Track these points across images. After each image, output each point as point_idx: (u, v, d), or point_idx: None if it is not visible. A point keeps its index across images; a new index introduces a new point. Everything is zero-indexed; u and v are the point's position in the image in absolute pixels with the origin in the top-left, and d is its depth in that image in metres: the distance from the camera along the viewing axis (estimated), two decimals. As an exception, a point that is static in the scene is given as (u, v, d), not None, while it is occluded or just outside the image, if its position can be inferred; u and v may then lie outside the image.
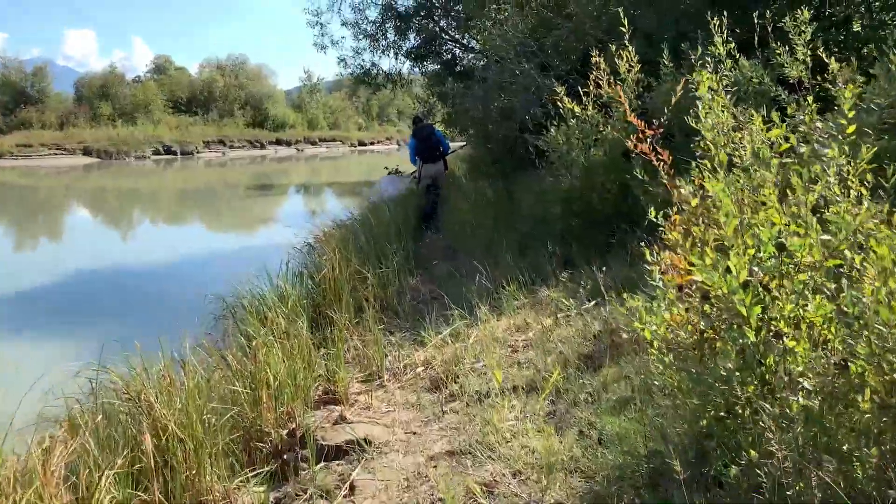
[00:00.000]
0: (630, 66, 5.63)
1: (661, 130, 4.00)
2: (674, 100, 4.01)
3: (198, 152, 45.86)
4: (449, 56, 13.16)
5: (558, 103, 5.87)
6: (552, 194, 6.05)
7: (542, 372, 3.61)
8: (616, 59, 5.65)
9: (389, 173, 12.32)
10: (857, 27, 7.28)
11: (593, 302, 4.57)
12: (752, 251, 2.31)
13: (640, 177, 5.14)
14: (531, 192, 6.91)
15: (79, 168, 37.46)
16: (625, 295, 2.85)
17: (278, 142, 51.95)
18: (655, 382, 2.71)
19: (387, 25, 13.39)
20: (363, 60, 14.28)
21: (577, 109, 5.69)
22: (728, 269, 2.41)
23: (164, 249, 11.34)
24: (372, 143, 59.53)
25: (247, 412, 3.49)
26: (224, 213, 18.55)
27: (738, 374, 2.19)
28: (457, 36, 13.01)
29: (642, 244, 3.79)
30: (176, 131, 47.48)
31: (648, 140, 3.94)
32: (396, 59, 14.15)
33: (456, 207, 8.07)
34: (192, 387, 3.28)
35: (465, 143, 14.54)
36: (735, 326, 2.26)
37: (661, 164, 3.84)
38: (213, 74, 55.54)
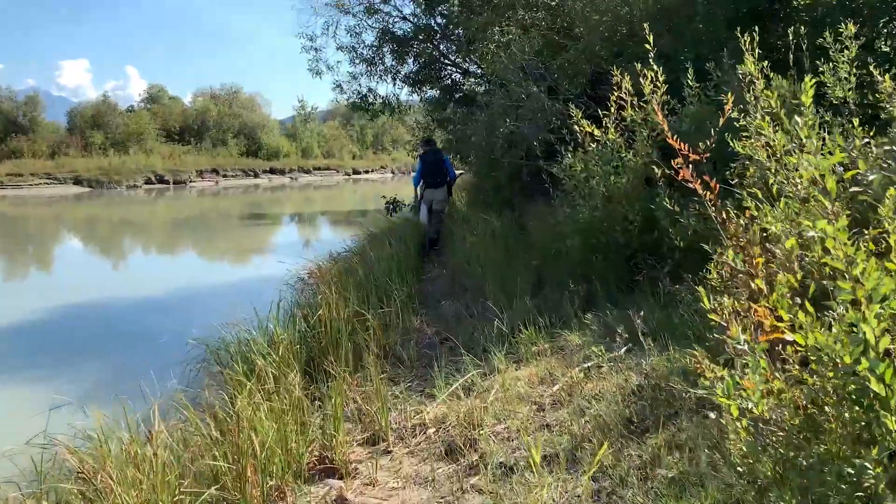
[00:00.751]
0: (655, 86, 5.18)
1: (708, 155, 3.52)
2: (722, 121, 3.54)
3: (191, 181, 45.43)
4: (449, 81, 12.73)
5: (575, 127, 5.39)
6: (568, 226, 5.54)
7: (579, 438, 3.06)
8: (640, 79, 5.20)
9: (387, 203, 11.83)
10: (885, 48, 6.88)
11: (624, 348, 4.04)
12: (875, 307, 1.79)
13: (669, 207, 4.67)
14: (544, 224, 6.41)
15: (69, 197, 36.95)
16: (700, 360, 2.31)
17: (272, 171, 51.56)
18: (739, 468, 2.16)
19: (384, 50, 12.99)
20: (359, 86, 13.81)
21: (597, 133, 5.21)
22: (828, 328, 1.90)
23: (148, 284, 10.66)
24: (366, 172, 59.23)
25: (228, 490, 2.92)
26: (214, 244, 17.91)
27: (877, 472, 1.65)
28: (457, 60, 12.57)
29: (702, 286, 3.29)
30: (169, 160, 47.05)
31: (683, 166, 3.46)
32: (394, 84, 13.68)
33: (461, 241, 7.54)
34: (161, 463, 2.72)
35: (461, 172, 14.09)
36: (859, 406, 1.74)
37: (707, 193, 3.35)
38: (206, 103, 55.31)
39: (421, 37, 12.33)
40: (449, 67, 12.77)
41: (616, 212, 5.22)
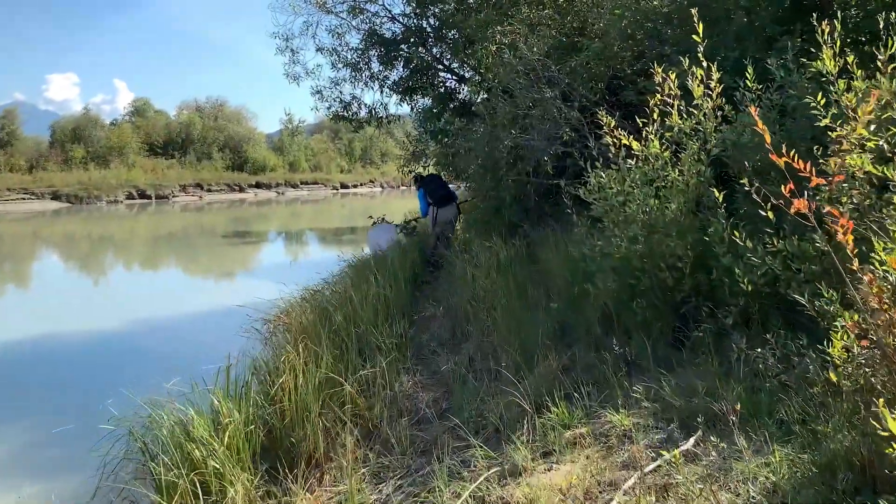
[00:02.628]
0: (708, 88, 4.11)
1: (842, 178, 2.48)
2: (864, 120, 2.54)
3: (173, 196, 44.29)
4: (442, 89, 11.39)
5: (607, 139, 4.30)
6: (598, 262, 4.43)
7: None
8: (689, 79, 4.13)
9: (374, 223, 10.66)
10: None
11: (692, 440, 2.95)
12: None
13: (736, 240, 3.59)
14: (561, 256, 5.30)
15: (47, 213, 35.75)
16: None
17: (258, 185, 50.38)
18: None
19: (370, 53, 11.62)
20: (342, 93, 12.30)
21: (636, 146, 4.12)
22: None
23: (93, 325, 8.79)
24: (355, 186, 58.15)
25: None
26: (185, 268, 16.40)
27: None
28: (453, 66, 11.34)
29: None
30: (151, 175, 45.96)
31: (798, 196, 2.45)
32: (381, 91, 12.13)
33: (461, 273, 6.37)
34: None
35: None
36: None
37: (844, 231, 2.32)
38: (191, 116, 54.08)
39: (412, 39, 11.12)
40: (443, 73, 11.60)
41: (661, 245, 4.12)
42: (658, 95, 4.07)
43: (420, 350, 5.04)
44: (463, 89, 11.18)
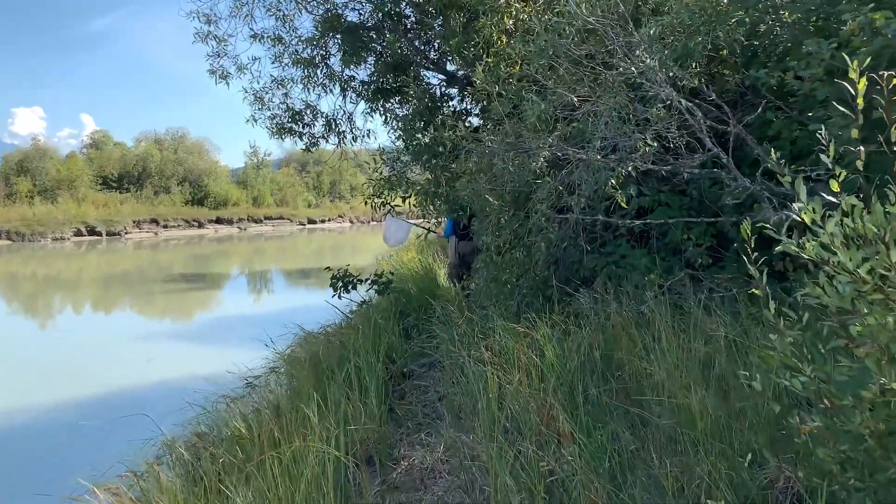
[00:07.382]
0: None
1: None
2: None
3: (126, 233, 41.11)
4: (427, 97, 7.98)
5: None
6: (860, 429, 1.78)
7: None
8: None
9: (334, 279, 7.91)
10: None
11: None
12: None
13: None
14: (708, 381, 2.67)
15: (-15, 252, 32.41)
16: None
17: (218, 220, 47.32)
18: None
19: (328, 44, 8.39)
20: (289, 98, 8.84)
21: None
22: None
23: None
24: (323, 221, 55.36)
25: None
26: (75, 346, 12.23)
27: None
28: (444, 58, 8.33)
29: None
30: (103, 210, 42.73)
31: None
32: (344, 96, 8.83)
33: (473, 381, 3.52)
34: None
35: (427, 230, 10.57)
36: None
37: None
38: (149, 148, 50.99)
39: (387, 23, 8.37)
40: (428, 71, 8.66)
41: None
42: None
43: None
44: (452, 92, 8.31)
